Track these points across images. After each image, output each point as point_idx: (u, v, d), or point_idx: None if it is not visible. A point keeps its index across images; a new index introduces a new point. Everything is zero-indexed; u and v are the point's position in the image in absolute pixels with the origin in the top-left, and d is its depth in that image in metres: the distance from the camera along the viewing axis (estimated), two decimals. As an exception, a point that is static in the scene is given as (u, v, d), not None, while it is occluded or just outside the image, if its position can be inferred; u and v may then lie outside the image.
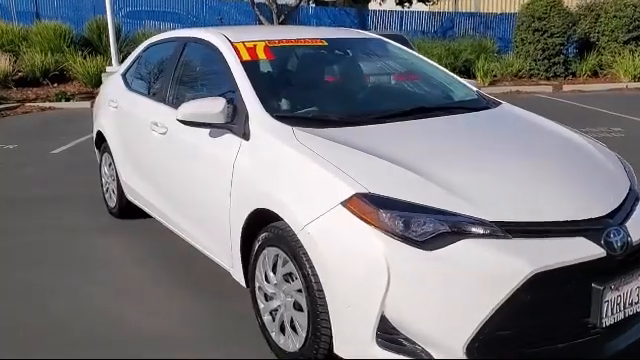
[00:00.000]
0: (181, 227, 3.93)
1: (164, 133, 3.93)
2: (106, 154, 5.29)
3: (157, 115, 4.10)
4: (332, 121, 3.15)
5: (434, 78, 4.03)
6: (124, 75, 5.11)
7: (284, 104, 3.38)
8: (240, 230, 3.10)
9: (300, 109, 3.36)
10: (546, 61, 16.11)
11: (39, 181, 6.75)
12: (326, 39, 3.99)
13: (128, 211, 5.12)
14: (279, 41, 3.83)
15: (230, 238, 3.24)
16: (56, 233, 4.95)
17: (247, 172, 3.07)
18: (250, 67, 3.49)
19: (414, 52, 4.26)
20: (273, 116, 3.14)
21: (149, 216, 4.69)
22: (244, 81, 3.36)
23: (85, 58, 14.46)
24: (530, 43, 16.18)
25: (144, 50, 4.95)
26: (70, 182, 6.63)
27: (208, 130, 3.39)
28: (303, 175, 2.74)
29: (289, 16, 15.99)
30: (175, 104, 4.01)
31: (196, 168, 3.56)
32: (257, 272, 3.05)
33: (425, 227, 2.36)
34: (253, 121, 3.16)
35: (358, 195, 2.47)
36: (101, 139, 5.34)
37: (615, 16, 16.51)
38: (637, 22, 16.31)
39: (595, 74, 16.51)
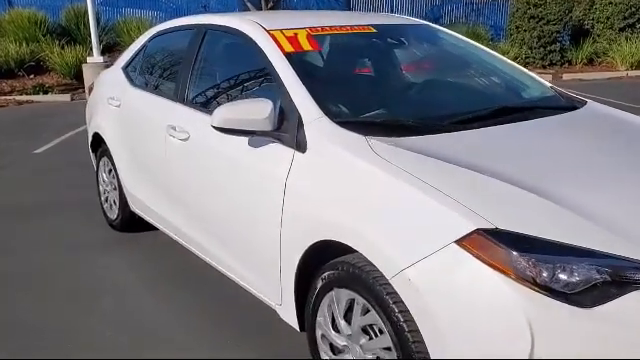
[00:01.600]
0: (207, 250, 3.32)
1: (185, 139, 3.30)
2: (105, 159, 4.63)
3: (174, 118, 3.47)
4: (407, 127, 2.56)
5: (500, 71, 3.44)
6: (125, 69, 4.45)
7: (346, 106, 2.77)
8: (296, 264, 2.51)
9: (365, 112, 2.75)
10: (542, 49, 15.66)
11: (23, 186, 6.03)
12: (373, 25, 3.38)
13: (132, 224, 4.49)
14: (322, 28, 3.21)
15: (279, 271, 2.64)
16: (49, 251, 4.29)
17: (305, 193, 2.47)
18: (296, 60, 2.88)
19: (468, 39, 3.67)
20: (335, 122, 2.53)
21: (154, 227, 4.08)
22: (292, 78, 2.75)
23: (63, 48, 13.62)
24: (525, 30, 15.71)
25: (150, 40, 4.29)
26: (59, 187, 5.94)
27: (246, 138, 2.78)
28: (394, 201, 2.14)
29: (278, 2, 15.30)
30: (196, 104, 3.40)
31: (231, 184, 2.94)
32: (320, 317, 2.46)
33: (577, 275, 1.79)
34: (310, 128, 2.55)
35: (480, 231, 1.88)
36: (98, 142, 4.69)
37: (611, 2, 16.16)
38: (633, 9, 15.98)
39: (590, 62, 16.12)
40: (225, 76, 3.46)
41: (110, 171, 4.58)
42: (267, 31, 3.10)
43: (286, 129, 2.63)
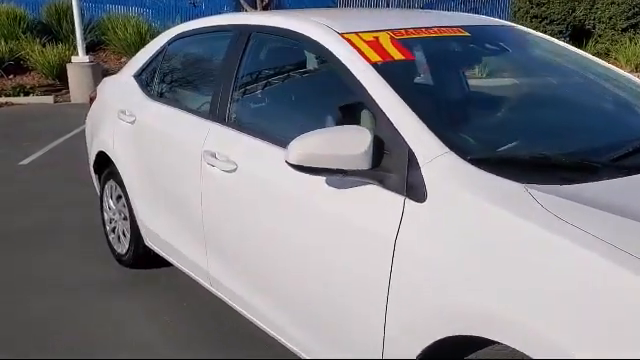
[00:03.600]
0: (255, 309, 2.64)
1: (231, 171, 2.62)
2: (112, 183, 3.92)
3: (213, 142, 2.78)
4: (569, 167, 1.88)
5: (619, 83, 2.79)
6: (139, 77, 3.73)
7: (474, 137, 2.09)
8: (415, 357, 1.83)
9: (499, 145, 2.05)
10: (545, 50, 15.14)
11: (10, 207, 5.26)
12: (463, 27, 2.71)
13: (145, 260, 3.79)
14: (406, 31, 2.54)
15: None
16: (47, 295, 3.57)
17: (428, 261, 1.80)
18: (389, 74, 2.20)
19: (566, 45, 3.01)
20: (467, 160, 1.87)
21: (169, 263, 3.41)
22: (392, 98, 2.08)
23: (44, 46, 12.76)
24: (528, 30, 15.18)
25: (170, 43, 3.57)
26: (53, 206, 5.19)
27: (324, 178, 2.12)
28: (585, 286, 1.47)
29: (271, 1, 14.57)
30: (244, 127, 2.71)
31: (303, 236, 2.26)
32: None
33: None
34: (430, 169, 1.88)
35: None
36: (103, 162, 3.97)
37: (613, 2, 15.71)
38: (637, 9, 15.55)
39: (593, 63, 15.64)
40: (282, 92, 2.77)
41: (119, 198, 3.86)
42: (341, 35, 2.43)
43: (389, 167, 1.96)
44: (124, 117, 3.62)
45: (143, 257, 3.77)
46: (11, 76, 12.52)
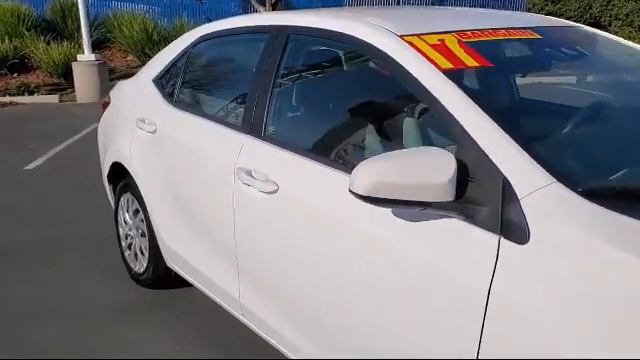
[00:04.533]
0: (301, 351, 2.31)
1: (271, 193, 2.29)
2: (128, 196, 3.60)
3: (248, 158, 2.46)
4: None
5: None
6: (159, 81, 3.41)
7: (581, 164, 1.76)
8: None
9: (608, 173, 1.72)
10: (561, 47, 14.80)
11: (14, 218, 4.92)
12: (532, 29, 2.37)
13: (165, 280, 3.48)
14: (472, 33, 2.21)
15: None
16: (59, 322, 3.25)
17: (531, 315, 1.48)
18: (468, 85, 1.88)
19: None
20: (577, 191, 1.54)
21: (187, 282, 3.14)
22: (478, 115, 1.75)
23: (49, 44, 12.45)
24: (543, 28, 14.84)
25: (195, 44, 3.24)
26: (63, 217, 4.86)
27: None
28: None
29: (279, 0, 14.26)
30: (284, 142, 2.39)
31: (363, 274, 1.94)
32: None
33: None
34: (532, 203, 1.55)
35: None
36: (118, 174, 3.65)
37: (630, -1, 15.35)
38: (655, 5, 15.19)
39: (610, 61, 15.32)
40: (331, 103, 2.45)
41: (136, 212, 3.55)
42: (401, 37, 2.10)
43: (477, 199, 1.63)
44: (143, 126, 3.30)
45: (163, 277, 3.46)
46: (15, 75, 12.23)
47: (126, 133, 3.49)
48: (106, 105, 3.98)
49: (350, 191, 1.70)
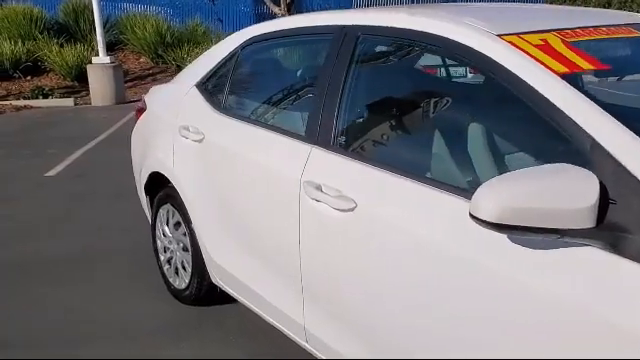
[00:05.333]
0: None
1: (348, 210, 2.08)
2: (168, 207, 3.40)
3: (315, 171, 2.26)
4: None
5: None
6: (203, 86, 3.21)
7: None
8: None
9: None
10: (580, 46, 14.59)
11: (37, 229, 4.70)
12: (631, 25, 2.16)
13: (209, 297, 3.28)
14: (574, 32, 2.00)
15: None
16: (95, 343, 3.05)
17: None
18: (589, 90, 1.68)
19: None
20: None
21: (233, 299, 2.95)
22: (615, 128, 1.53)
23: (62, 46, 12.34)
24: (561, 26, 14.63)
25: (243, 47, 3.03)
26: (91, 228, 4.66)
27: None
28: None
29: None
30: (360, 154, 2.19)
31: (471, 308, 1.72)
32: None
33: None
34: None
35: None
36: (157, 184, 3.45)
37: (649, -4, 15.13)
38: (675, 2, 14.96)
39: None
40: (416, 110, 2.23)
41: (177, 225, 3.34)
42: (499, 37, 1.90)
43: (622, 225, 1.42)
44: (188, 134, 3.10)
45: (207, 295, 3.26)
46: (29, 78, 12.09)
47: (167, 142, 3.29)
48: (141, 111, 3.78)
49: (471, 216, 1.49)
